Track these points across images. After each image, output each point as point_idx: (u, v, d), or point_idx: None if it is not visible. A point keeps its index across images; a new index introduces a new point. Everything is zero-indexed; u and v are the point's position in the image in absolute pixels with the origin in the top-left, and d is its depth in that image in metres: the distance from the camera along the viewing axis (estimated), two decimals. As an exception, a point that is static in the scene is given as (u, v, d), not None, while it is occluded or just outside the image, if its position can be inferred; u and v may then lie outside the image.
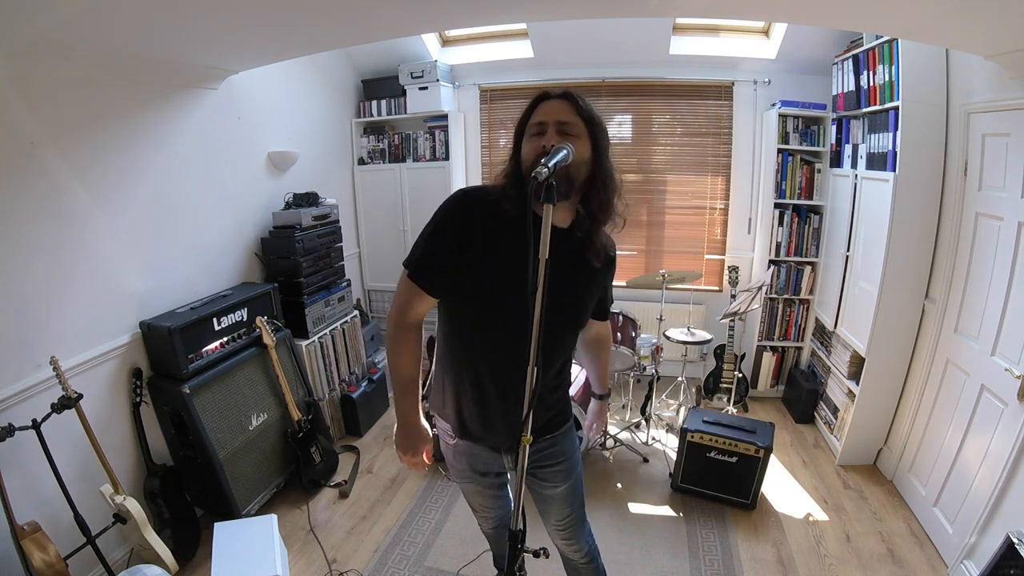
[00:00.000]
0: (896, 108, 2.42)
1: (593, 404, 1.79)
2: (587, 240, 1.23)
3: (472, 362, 1.30)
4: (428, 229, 1.23)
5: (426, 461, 1.44)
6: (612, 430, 3.15)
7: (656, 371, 3.15)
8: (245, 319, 2.61)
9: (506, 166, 1.24)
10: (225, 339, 2.50)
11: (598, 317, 1.51)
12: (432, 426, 1.47)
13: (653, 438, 3.21)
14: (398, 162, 4.01)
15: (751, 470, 2.54)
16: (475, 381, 1.30)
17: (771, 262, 3.54)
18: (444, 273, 1.22)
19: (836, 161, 3.21)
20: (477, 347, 1.28)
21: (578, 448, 1.53)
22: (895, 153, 2.45)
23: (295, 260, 2.95)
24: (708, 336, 3.27)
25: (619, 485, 2.82)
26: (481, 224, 1.19)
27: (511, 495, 1.71)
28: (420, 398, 1.40)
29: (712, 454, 2.60)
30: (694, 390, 3.68)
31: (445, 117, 3.83)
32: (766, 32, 3.45)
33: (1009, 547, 1.64)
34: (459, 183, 4.01)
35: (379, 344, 3.91)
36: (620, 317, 3.13)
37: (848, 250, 2.97)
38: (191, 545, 2.30)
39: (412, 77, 3.74)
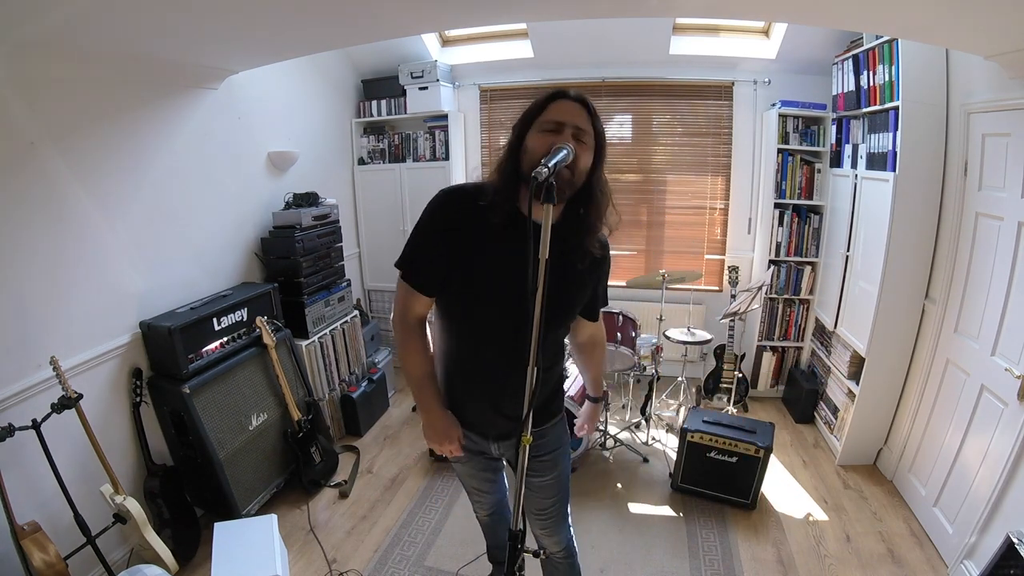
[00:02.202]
0: (896, 108, 2.42)
1: (586, 406, 1.75)
2: (576, 239, 1.23)
3: (463, 356, 1.35)
4: (414, 230, 1.27)
5: (461, 443, 1.43)
6: (612, 430, 3.15)
7: (656, 371, 3.15)
8: (245, 319, 2.61)
9: (501, 160, 1.22)
10: (225, 339, 2.50)
11: (588, 317, 1.48)
12: None
13: (653, 438, 3.21)
14: (398, 162, 4.01)
15: (751, 470, 2.54)
16: (464, 374, 1.37)
17: (771, 262, 3.54)
18: (432, 271, 1.25)
19: (836, 161, 3.21)
20: (467, 342, 1.32)
21: (567, 441, 1.54)
22: (895, 153, 2.45)
23: (295, 260, 2.95)
24: (708, 336, 3.27)
25: (619, 485, 2.82)
26: (466, 220, 1.21)
27: (505, 482, 1.79)
28: (439, 389, 1.41)
29: (712, 454, 2.60)
30: (694, 390, 3.67)
31: (445, 117, 3.83)
32: (766, 32, 3.45)
33: (1009, 547, 1.64)
34: (459, 183, 4.01)
35: (379, 344, 3.91)
36: (620, 317, 3.13)
37: (848, 250, 2.97)
38: (191, 545, 2.30)
39: (412, 77, 3.74)
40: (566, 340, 1.54)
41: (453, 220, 1.23)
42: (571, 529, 1.65)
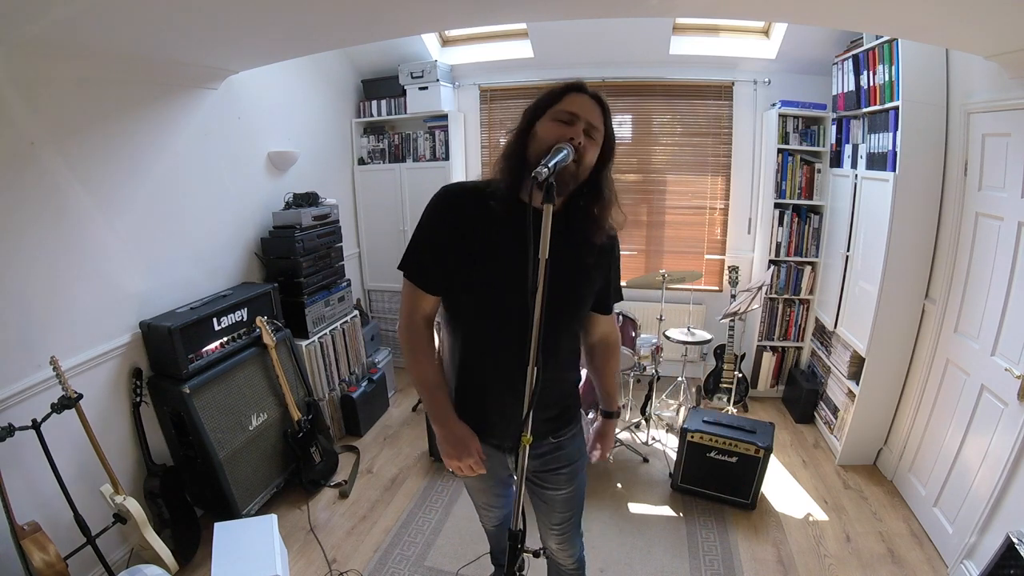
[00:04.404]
0: (896, 108, 2.42)
1: (599, 423, 1.57)
2: (580, 227, 1.20)
3: (471, 358, 1.29)
4: (416, 228, 1.27)
5: (481, 457, 1.35)
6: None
7: (656, 371, 3.15)
8: (245, 319, 2.61)
9: (508, 145, 1.21)
10: (225, 339, 2.50)
11: (600, 310, 1.39)
12: None
13: (653, 438, 3.21)
14: (398, 162, 4.01)
15: (751, 470, 2.54)
16: (475, 378, 1.30)
17: (771, 262, 3.54)
18: (436, 268, 1.23)
19: (836, 161, 3.21)
20: (475, 342, 1.27)
21: (584, 452, 1.49)
22: (895, 153, 2.45)
23: (295, 260, 2.95)
24: (708, 336, 3.27)
25: (619, 485, 2.82)
26: (467, 213, 1.21)
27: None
28: (451, 398, 1.35)
29: (712, 454, 2.60)
30: (694, 390, 3.67)
31: (445, 117, 3.83)
32: (766, 32, 3.45)
33: (1009, 547, 1.64)
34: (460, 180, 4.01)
35: (379, 344, 3.91)
36: (620, 317, 3.12)
37: (848, 250, 2.97)
38: (191, 545, 2.30)
39: (412, 77, 3.74)
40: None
41: (454, 213, 1.22)
42: (583, 538, 1.61)
